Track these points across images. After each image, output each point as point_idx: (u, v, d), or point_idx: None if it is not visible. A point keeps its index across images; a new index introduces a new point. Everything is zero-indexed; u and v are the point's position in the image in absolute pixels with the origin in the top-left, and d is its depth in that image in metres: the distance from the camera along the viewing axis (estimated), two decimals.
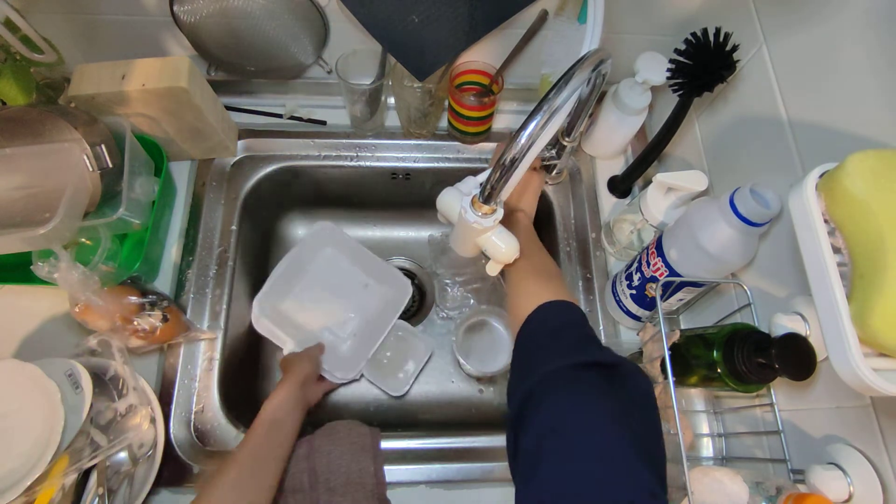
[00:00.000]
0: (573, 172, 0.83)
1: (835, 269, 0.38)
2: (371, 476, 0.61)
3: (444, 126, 0.83)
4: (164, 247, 0.73)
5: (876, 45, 0.44)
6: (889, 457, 0.43)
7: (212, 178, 0.78)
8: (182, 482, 0.62)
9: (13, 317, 0.68)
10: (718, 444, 0.64)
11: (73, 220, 0.56)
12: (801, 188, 0.40)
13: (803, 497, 0.43)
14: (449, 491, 0.64)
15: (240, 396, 0.73)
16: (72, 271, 0.55)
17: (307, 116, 0.82)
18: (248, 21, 0.68)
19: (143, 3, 0.67)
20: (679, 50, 0.60)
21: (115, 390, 0.60)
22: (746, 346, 0.48)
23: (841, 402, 0.48)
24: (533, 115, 0.42)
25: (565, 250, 0.78)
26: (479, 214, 0.49)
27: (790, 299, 0.51)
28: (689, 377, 0.55)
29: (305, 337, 0.78)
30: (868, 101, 0.45)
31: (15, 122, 0.58)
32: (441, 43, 0.69)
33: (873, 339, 0.36)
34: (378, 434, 0.65)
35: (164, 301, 0.65)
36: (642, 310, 0.67)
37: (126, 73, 0.63)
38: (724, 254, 0.54)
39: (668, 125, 0.66)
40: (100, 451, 0.56)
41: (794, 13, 0.54)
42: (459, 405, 0.84)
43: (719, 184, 0.66)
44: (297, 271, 0.82)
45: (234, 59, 0.74)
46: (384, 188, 0.87)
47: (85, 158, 0.58)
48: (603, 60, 0.46)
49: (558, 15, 0.68)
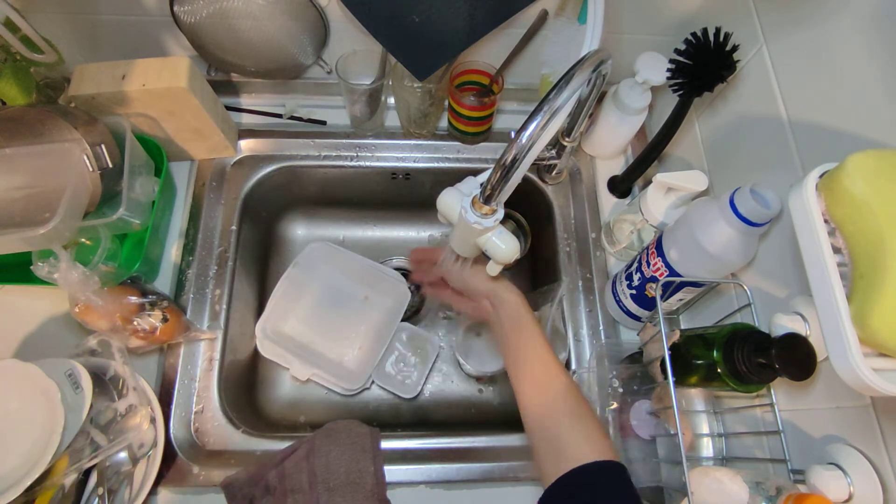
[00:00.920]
0: (573, 172, 0.83)
1: (835, 269, 0.38)
2: (371, 476, 0.61)
3: (444, 126, 0.83)
4: (164, 247, 0.73)
5: (876, 44, 0.44)
6: (889, 457, 0.43)
7: (212, 178, 0.78)
8: (182, 482, 0.61)
9: (13, 317, 0.68)
10: (718, 444, 0.64)
11: (73, 220, 0.56)
12: (801, 188, 0.40)
13: (803, 497, 0.43)
14: (449, 491, 0.64)
15: (240, 396, 0.73)
16: (72, 271, 0.55)
17: (307, 116, 0.82)
18: (248, 21, 0.68)
19: (143, 3, 0.67)
20: (679, 50, 0.60)
21: (115, 390, 0.60)
22: (746, 346, 0.48)
23: (841, 402, 0.48)
24: (533, 115, 0.42)
25: (565, 250, 0.78)
26: (479, 215, 0.49)
27: (790, 299, 0.51)
28: (689, 377, 0.55)
29: (311, 356, 0.79)
30: (868, 101, 0.45)
31: (15, 122, 0.58)
32: (441, 43, 0.69)
33: (873, 339, 0.36)
34: (377, 434, 0.65)
35: (164, 301, 0.65)
36: (642, 310, 0.67)
37: (126, 73, 0.63)
38: (724, 254, 0.54)
39: (668, 125, 0.66)
40: (100, 451, 0.56)
41: (794, 13, 0.54)
42: (459, 405, 0.84)
43: (719, 184, 0.66)
44: (295, 292, 0.83)
45: (234, 59, 0.74)
46: (384, 188, 0.87)
47: (85, 158, 0.58)
48: (603, 61, 0.46)
49: (558, 15, 0.68)
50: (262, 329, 0.77)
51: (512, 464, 0.65)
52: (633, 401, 0.65)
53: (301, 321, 0.83)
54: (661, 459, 0.62)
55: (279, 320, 0.81)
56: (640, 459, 0.63)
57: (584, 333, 0.73)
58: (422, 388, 0.82)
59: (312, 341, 0.82)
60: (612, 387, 0.65)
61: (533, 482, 0.64)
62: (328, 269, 0.86)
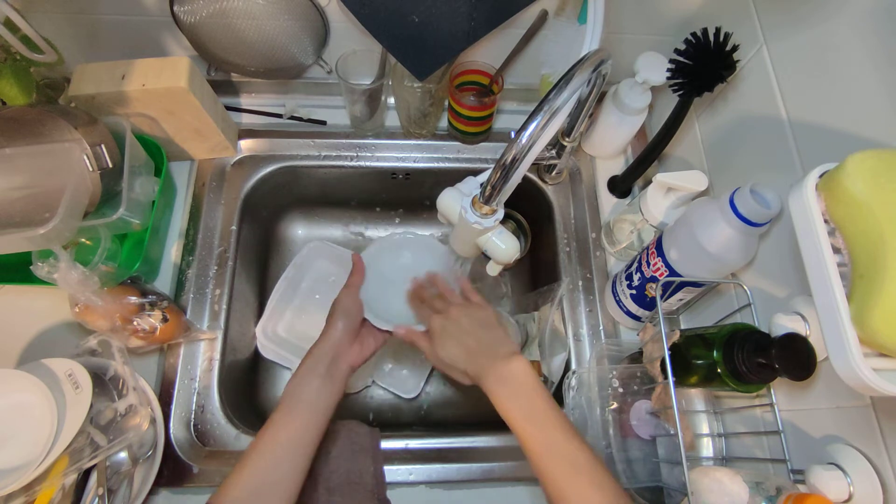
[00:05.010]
0: (573, 172, 0.83)
1: (835, 269, 0.38)
2: (371, 476, 0.61)
3: (444, 126, 0.83)
4: (164, 247, 0.73)
5: (876, 44, 0.44)
6: (889, 457, 0.43)
7: (212, 178, 0.78)
8: (182, 482, 0.62)
9: (13, 317, 0.68)
10: (718, 444, 0.64)
11: (73, 220, 0.56)
12: (801, 188, 0.40)
13: (803, 497, 0.43)
14: (449, 491, 0.64)
15: (240, 396, 0.73)
16: (72, 271, 0.55)
17: (307, 116, 0.82)
18: (247, 21, 0.68)
19: (143, 3, 0.67)
20: (679, 50, 0.60)
21: (115, 390, 0.60)
22: (746, 346, 0.48)
23: (841, 402, 0.48)
24: (533, 115, 0.42)
25: (565, 250, 0.78)
26: (479, 215, 0.49)
27: (790, 299, 0.51)
28: (689, 377, 0.55)
29: None
30: (868, 101, 0.45)
31: (15, 122, 0.58)
32: (441, 43, 0.69)
33: (873, 339, 0.36)
34: (377, 434, 0.65)
35: (164, 301, 0.65)
36: (642, 310, 0.67)
37: (126, 73, 0.63)
38: (724, 254, 0.54)
39: (668, 125, 0.66)
40: (100, 451, 0.56)
41: (794, 13, 0.54)
42: (459, 405, 0.84)
43: (719, 184, 0.66)
44: (294, 292, 0.83)
45: (234, 59, 0.74)
46: (384, 188, 0.87)
47: (85, 158, 0.58)
48: (603, 61, 0.46)
49: (558, 15, 0.68)
50: (262, 330, 0.77)
51: (512, 464, 0.65)
52: (633, 401, 0.65)
53: (301, 321, 0.83)
54: (661, 459, 0.62)
55: (279, 321, 0.81)
56: (640, 459, 0.63)
57: (584, 333, 0.73)
58: (422, 388, 0.81)
59: (312, 341, 0.81)
60: (612, 387, 0.65)
61: (533, 482, 0.64)
62: (328, 268, 0.86)
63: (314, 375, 0.53)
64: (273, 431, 0.49)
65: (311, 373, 0.53)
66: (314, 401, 0.51)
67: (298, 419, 0.50)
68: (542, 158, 0.77)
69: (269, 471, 0.47)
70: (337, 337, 0.56)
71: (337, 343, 0.55)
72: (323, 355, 0.54)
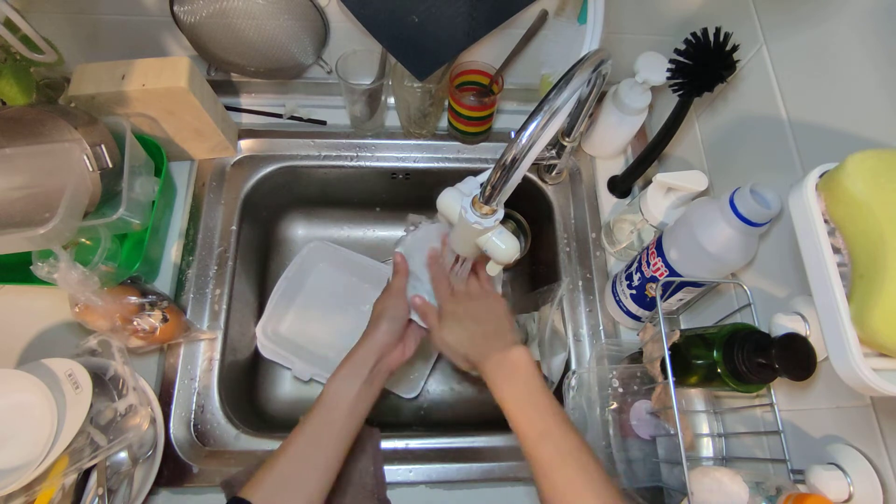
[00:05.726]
0: (573, 172, 0.83)
1: (835, 269, 0.38)
2: (371, 476, 0.61)
3: (444, 126, 0.83)
4: (164, 247, 0.73)
5: (876, 44, 0.44)
6: (889, 457, 0.43)
7: (212, 178, 0.78)
8: (182, 482, 0.61)
9: (13, 317, 0.68)
10: (718, 444, 0.64)
11: (73, 220, 0.56)
12: (801, 188, 0.40)
13: (803, 497, 0.43)
14: (449, 491, 0.64)
15: (240, 396, 0.73)
16: (71, 271, 0.55)
17: (307, 116, 0.82)
18: (248, 21, 0.68)
19: (143, 3, 0.67)
20: (679, 50, 0.60)
21: (115, 390, 0.60)
22: (746, 346, 0.48)
23: (841, 402, 0.48)
24: (533, 115, 0.42)
25: (565, 250, 0.78)
26: (479, 215, 0.49)
27: (790, 299, 0.51)
28: (689, 377, 0.55)
29: (312, 356, 0.79)
30: (868, 101, 0.45)
31: (15, 122, 0.58)
32: (441, 43, 0.69)
33: (873, 339, 0.36)
34: (378, 434, 0.65)
35: (164, 301, 0.65)
36: (642, 310, 0.67)
37: (126, 73, 0.63)
38: (724, 254, 0.54)
39: (668, 125, 0.66)
40: (100, 451, 0.56)
41: (794, 13, 0.54)
42: (459, 405, 0.84)
43: (719, 184, 0.66)
44: (295, 292, 0.83)
45: (234, 59, 0.74)
46: (384, 188, 0.87)
47: (85, 158, 0.58)
48: (603, 61, 0.46)
49: (558, 15, 0.68)
50: (262, 331, 0.77)
51: (512, 464, 0.65)
52: (633, 401, 0.65)
53: (301, 321, 0.83)
54: (661, 459, 0.62)
55: (279, 321, 0.81)
56: (640, 459, 0.63)
57: (584, 333, 0.73)
58: (422, 388, 0.81)
59: (313, 341, 0.82)
60: (612, 387, 0.65)
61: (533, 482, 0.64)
62: (328, 268, 0.86)
63: (357, 378, 0.53)
64: (311, 431, 0.50)
65: (354, 375, 0.53)
66: (354, 404, 0.52)
67: (338, 423, 0.51)
68: (542, 158, 0.77)
69: (300, 471, 0.48)
70: (382, 339, 0.56)
71: (382, 345, 0.56)
72: (367, 358, 0.54)
